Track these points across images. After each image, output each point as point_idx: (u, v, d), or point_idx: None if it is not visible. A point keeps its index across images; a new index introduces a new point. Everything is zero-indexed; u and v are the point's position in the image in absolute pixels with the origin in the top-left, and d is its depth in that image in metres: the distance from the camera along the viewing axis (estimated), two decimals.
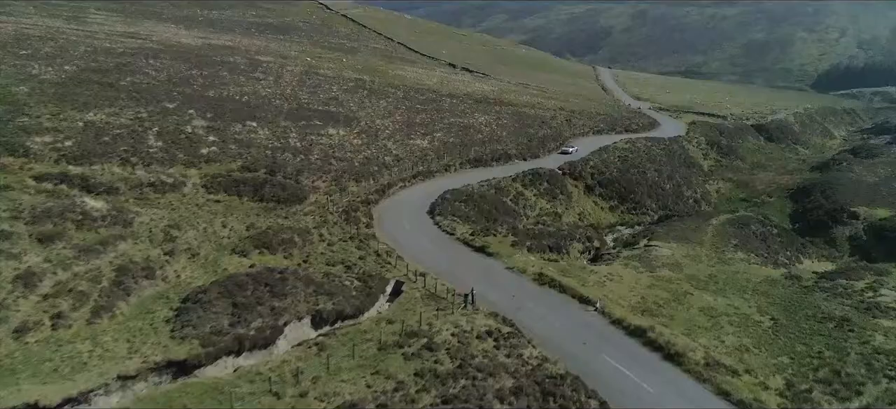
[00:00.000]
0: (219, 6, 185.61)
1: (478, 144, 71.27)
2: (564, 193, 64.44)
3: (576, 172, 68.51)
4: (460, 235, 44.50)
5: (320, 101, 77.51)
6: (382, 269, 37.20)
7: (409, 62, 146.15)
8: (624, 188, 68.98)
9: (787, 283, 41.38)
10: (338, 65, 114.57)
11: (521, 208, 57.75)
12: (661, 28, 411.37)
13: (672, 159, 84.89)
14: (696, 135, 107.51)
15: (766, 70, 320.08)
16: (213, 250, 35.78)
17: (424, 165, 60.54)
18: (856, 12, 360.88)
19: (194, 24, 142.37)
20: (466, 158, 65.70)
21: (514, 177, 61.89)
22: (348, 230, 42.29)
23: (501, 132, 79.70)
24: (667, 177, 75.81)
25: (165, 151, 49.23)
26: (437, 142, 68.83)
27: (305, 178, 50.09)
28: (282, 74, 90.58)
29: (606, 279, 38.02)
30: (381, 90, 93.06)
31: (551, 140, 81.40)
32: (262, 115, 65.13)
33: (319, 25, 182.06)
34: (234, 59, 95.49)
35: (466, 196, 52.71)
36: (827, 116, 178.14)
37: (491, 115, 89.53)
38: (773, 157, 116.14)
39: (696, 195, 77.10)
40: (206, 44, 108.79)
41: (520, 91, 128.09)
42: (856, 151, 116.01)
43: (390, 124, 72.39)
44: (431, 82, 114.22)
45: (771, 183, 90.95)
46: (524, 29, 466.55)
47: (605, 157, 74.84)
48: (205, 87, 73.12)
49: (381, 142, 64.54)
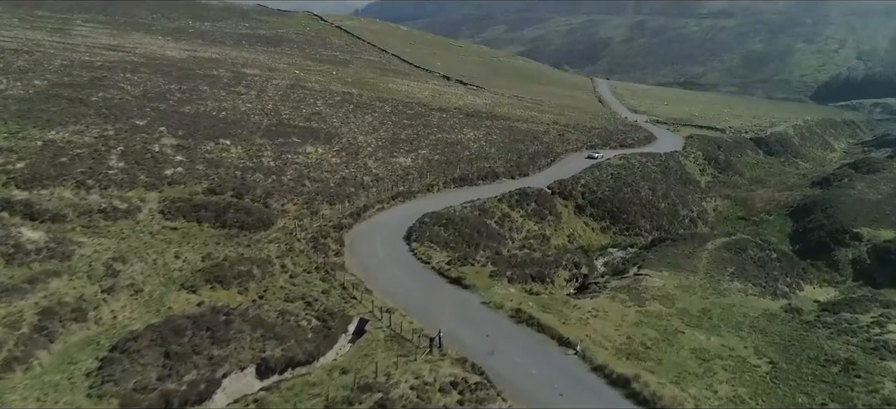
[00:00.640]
0: (211, 17, 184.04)
1: (464, 162, 68.45)
2: (553, 213, 61.50)
3: (566, 192, 65.60)
4: (436, 264, 41.52)
5: (302, 116, 74.83)
6: (347, 305, 34.22)
7: (401, 75, 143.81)
8: (616, 208, 66.04)
9: (787, 317, 38.34)
10: (327, 78, 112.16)
11: (506, 230, 54.78)
12: (660, 39, 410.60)
13: (668, 176, 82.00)
14: (694, 149, 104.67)
15: (765, 81, 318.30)
16: (161, 285, 32.83)
17: (406, 185, 57.67)
18: (854, 23, 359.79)
19: (184, 36, 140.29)
20: (451, 177, 62.82)
21: (500, 197, 58.95)
22: (315, 259, 39.33)
23: (490, 149, 76.90)
24: (661, 195, 72.88)
25: (126, 172, 46.43)
26: (422, 160, 66.02)
27: (275, 201, 47.22)
28: (266, 88, 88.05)
29: (590, 316, 34.99)
30: (368, 104, 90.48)
31: (542, 156, 78.57)
32: (238, 132, 62.41)
33: (313, 37, 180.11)
34: (217, 73, 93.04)
35: (447, 220, 49.77)
36: (827, 129, 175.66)
37: (480, 130, 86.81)
38: (772, 171, 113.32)
39: (692, 214, 74.13)
40: (191, 57, 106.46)
41: (513, 104, 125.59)
42: (857, 166, 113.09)
43: (373, 141, 69.64)
44: (422, 96, 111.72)
45: (770, 200, 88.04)
46: (523, 40, 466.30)
47: (597, 174, 71.95)
48: (181, 102, 70.49)
49: (361, 160, 61.73)
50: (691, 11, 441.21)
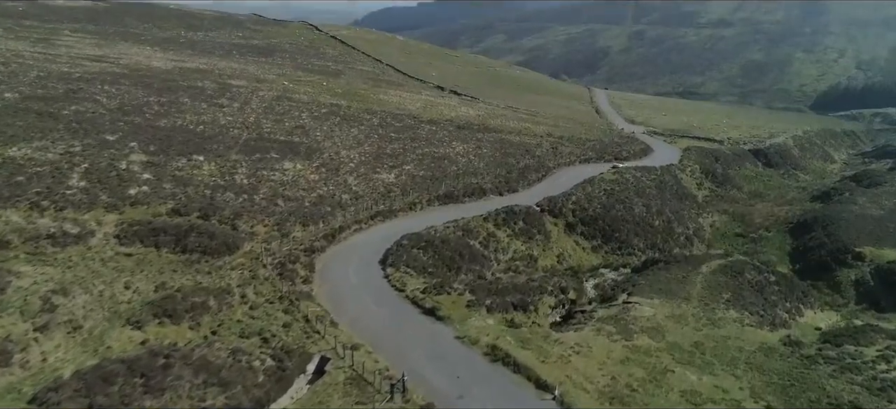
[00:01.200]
0: (205, 27, 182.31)
1: (451, 178, 65.91)
2: (542, 232, 58.87)
3: (556, 209, 63.02)
4: (410, 292, 38.85)
5: (284, 130, 72.39)
6: (309, 340, 31.56)
7: (395, 85, 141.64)
8: (608, 226, 63.42)
9: (787, 351, 35.62)
10: (316, 89, 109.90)
11: (491, 251, 52.17)
12: (659, 49, 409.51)
13: (663, 191, 79.43)
14: (691, 163, 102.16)
15: (765, 91, 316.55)
16: (104, 320, 30.20)
17: (387, 204, 55.09)
18: (854, 33, 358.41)
19: (173, 46, 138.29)
20: (436, 195, 60.24)
21: (485, 216, 56.36)
22: (280, 288, 36.70)
23: (479, 163, 74.38)
24: (656, 212, 70.25)
25: (87, 192, 43.93)
26: (406, 176, 63.49)
27: (244, 222, 44.65)
28: (250, 100, 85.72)
29: (573, 352, 32.29)
30: (355, 117, 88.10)
31: (533, 171, 76.03)
32: (213, 147, 59.95)
33: (306, 47, 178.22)
34: (201, 84, 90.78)
35: (426, 242, 47.16)
36: (827, 139, 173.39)
37: (470, 143, 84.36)
38: (771, 184, 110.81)
39: (687, 231, 71.47)
40: (177, 67, 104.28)
41: (507, 116, 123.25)
42: (858, 179, 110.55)
43: (357, 156, 67.14)
44: (414, 107, 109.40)
45: (769, 215, 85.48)
46: (522, 50, 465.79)
47: (589, 190, 69.39)
48: (158, 115, 68.12)
49: (341, 177, 59.20)
50: (690, 21, 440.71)
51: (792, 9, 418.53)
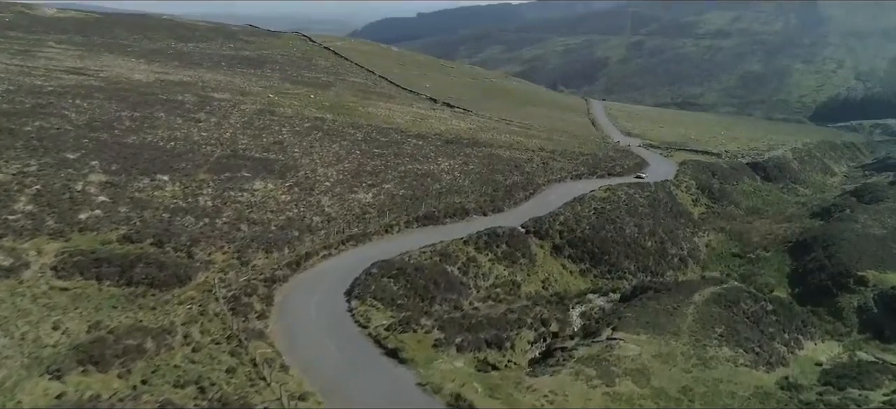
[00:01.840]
0: (196, 38, 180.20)
1: (433, 197, 62.91)
2: (527, 256, 55.79)
3: (542, 230, 59.97)
4: (375, 329, 35.72)
5: (261, 146, 69.50)
6: (253, 389, 28.43)
7: (386, 97, 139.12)
8: (597, 248, 60.32)
9: (784, 396, 32.44)
10: (302, 102, 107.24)
11: (470, 278, 49.09)
12: (657, 59, 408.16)
13: (657, 209, 76.35)
14: (686, 178, 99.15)
15: (764, 102, 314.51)
16: (21, 368, 27.09)
17: (361, 227, 52.07)
18: (853, 44, 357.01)
19: (160, 57, 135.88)
20: (415, 216, 57.20)
21: (466, 239, 53.31)
22: (230, 325, 33.60)
23: (464, 181, 71.41)
24: (648, 232, 67.13)
25: (33, 217, 40.97)
26: (385, 195, 60.49)
27: (201, 249, 41.62)
28: (230, 114, 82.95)
29: (546, 402, 29.11)
30: (338, 131, 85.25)
31: (521, 189, 73.04)
32: (181, 165, 57.03)
33: (299, 58, 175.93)
34: (181, 98, 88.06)
35: (399, 269, 44.09)
36: (827, 151, 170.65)
37: (457, 159, 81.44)
38: (770, 200, 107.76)
39: (682, 252, 68.33)
40: (159, 80, 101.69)
41: (499, 129, 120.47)
42: (859, 194, 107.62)
43: (334, 174, 64.18)
44: (402, 121, 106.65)
45: (767, 234, 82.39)
46: (521, 60, 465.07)
47: (578, 210, 66.36)
48: (128, 132, 65.28)
49: (314, 197, 56.19)
50: (689, 32, 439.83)
51: (790, 19, 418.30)
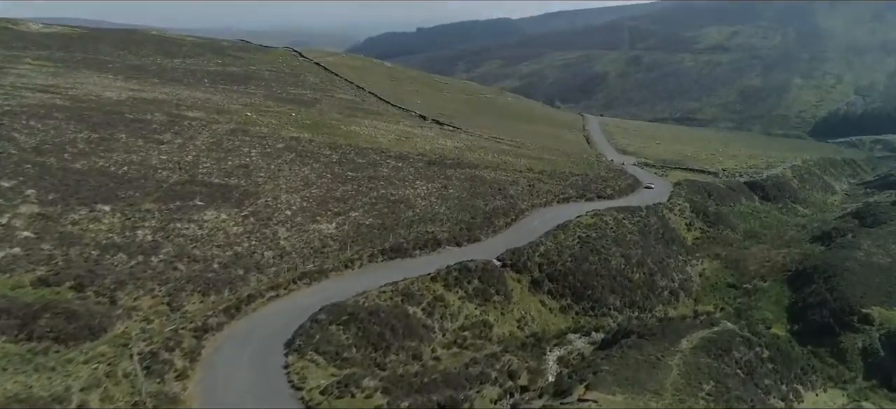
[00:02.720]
0: (184, 54, 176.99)
1: (403, 226, 58.53)
2: (502, 292, 51.30)
3: (520, 263, 55.50)
4: (309, 392, 31.26)
5: (223, 170, 65.31)
6: None
7: (372, 114, 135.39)
8: (579, 282, 55.84)
9: None
10: (281, 120, 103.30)
11: (436, 319, 44.62)
12: (656, 74, 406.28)
13: (647, 237, 71.88)
14: (680, 200, 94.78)
15: (763, 117, 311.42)
16: None
17: (318, 262, 47.67)
18: (851, 59, 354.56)
19: (140, 73, 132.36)
20: (381, 248, 52.80)
21: (434, 275, 48.89)
22: (140, 389, 29.10)
23: (441, 206, 67.07)
24: (636, 263, 62.60)
25: None
26: (350, 225, 56.11)
27: (127, 293, 37.23)
28: (198, 135, 78.90)
29: None
30: (313, 153, 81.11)
31: (502, 215, 68.69)
32: (129, 193, 52.78)
33: (287, 74, 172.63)
34: (150, 117, 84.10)
35: (351, 314, 39.63)
36: (827, 168, 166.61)
37: (437, 182, 77.18)
38: (768, 222, 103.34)
39: (672, 284, 63.77)
40: (131, 98, 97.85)
41: (488, 148, 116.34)
42: (861, 216, 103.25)
43: (298, 201, 59.88)
44: (386, 140, 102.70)
45: (765, 261, 77.91)
46: (519, 75, 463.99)
47: (561, 239, 61.95)
48: (79, 155, 61.13)
49: (271, 228, 51.82)
50: (687, 47, 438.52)
51: (788, 34, 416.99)
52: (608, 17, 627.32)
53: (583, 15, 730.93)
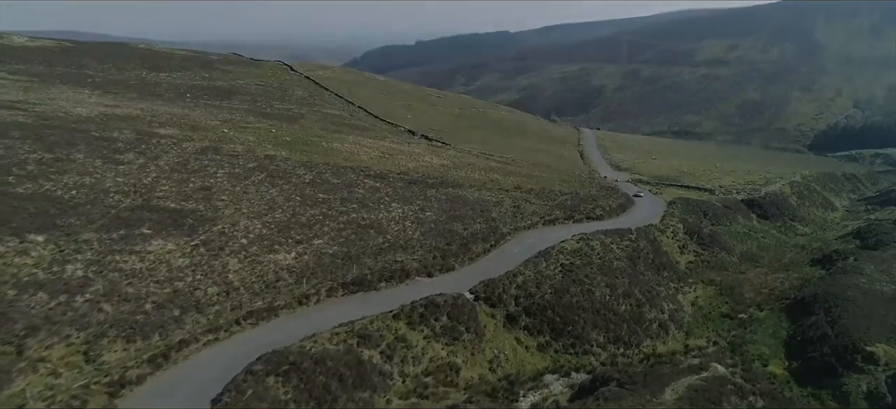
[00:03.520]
0: (171, 67, 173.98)
1: (370, 255, 54.36)
2: (473, 329, 47.02)
3: (494, 296, 51.24)
4: None
5: (183, 193, 61.27)
6: None
7: (359, 130, 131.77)
8: (560, 317, 51.52)
9: None
10: (260, 137, 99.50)
11: (395, 364, 40.33)
12: (654, 87, 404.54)
13: (636, 263, 67.65)
14: (674, 220, 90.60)
15: (762, 130, 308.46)
16: None
17: (269, 298, 43.46)
18: (850, 72, 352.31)
19: (120, 88, 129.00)
20: (342, 281, 48.59)
21: (397, 312, 44.66)
22: None
23: (415, 232, 62.93)
24: (623, 294, 58.25)
25: None
26: (311, 254, 51.94)
27: (38, 341, 33.04)
28: (164, 154, 74.99)
29: None
30: (286, 173, 77.12)
31: (480, 240, 64.55)
32: (69, 221, 48.72)
33: (275, 88, 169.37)
34: (116, 135, 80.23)
35: (293, 363, 35.36)
36: (826, 184, 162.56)
37: (415, 204, 73.13)
38: (766, 243, 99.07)
39: (662, 316, 59.33)
40: (102, 114, 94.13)
41: (475, 165, 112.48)
42: (863, 236, 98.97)
43: (259, 227, 55.77)
44: (367, 157, 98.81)
45: (762, 287, 73.75)
46: (517, 88, 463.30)
47: (542, 268, 57.70)
48: (25, 178, 57.11)
49: (221, 259, 47.67)
50: (685, 60, 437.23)
51: (787, 47, 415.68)
52: (607, 31, 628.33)
53: (581, 28, 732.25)
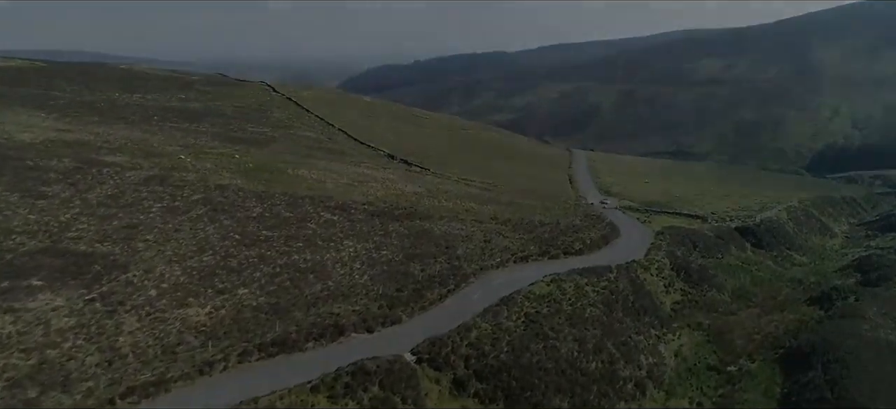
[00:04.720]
0: (147, 89, 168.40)
1: (303, 306, 47.59)
2: (411, 399, 40.10)
3: (440, 358, 44.34)
4: None
5: (101, 233, 54.67)
6: None
7: (333, 155, 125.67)
8: (516, 381, 44.58)
9: None
10: (219, 163, 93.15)
11: None
12: (650, 107, 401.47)
13: (613, 308, 60.82)
14: (660, 255, 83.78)
15: (759, 150, 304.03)
16: None
17: (161, 368, 36.61)
18: (847, 92, 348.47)
19: (82, 110, 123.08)
20: (259, 342, 41.78)
21: (317, 382, 37.82)
22: None
23: (363, 275, 56.19)
24: (593, 349, 51.33)
25: None
26: (230, 308, 45.19)
27: None
28: (99, 185, 68.62)
29: None
30: (233, 205, 70.62)
31: (438, 284, 57.73)
32: None
33: (252, 110, 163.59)
34: (54, 163, 74.01)
35: None
36: (825, 208, 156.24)
37: (371, 240, 66.52)
38: (760, 276, 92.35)
39: (639, 373, 52.38)
40: (49, 139, 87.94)
41: (453, 192, 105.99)
42: (864, 270, 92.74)
43: (178, 273, 49.07)
44: (334, 185, 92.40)
45: (754, 331, 67.28)
46: (513, 108, 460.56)
47: (501, 320, 50.87)
48: None
49: (118, 317, 40.92)
50: (682, 80, 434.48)
51: (784, 67, 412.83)
52: (603, 51, 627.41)
53: (578, 48, 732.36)
